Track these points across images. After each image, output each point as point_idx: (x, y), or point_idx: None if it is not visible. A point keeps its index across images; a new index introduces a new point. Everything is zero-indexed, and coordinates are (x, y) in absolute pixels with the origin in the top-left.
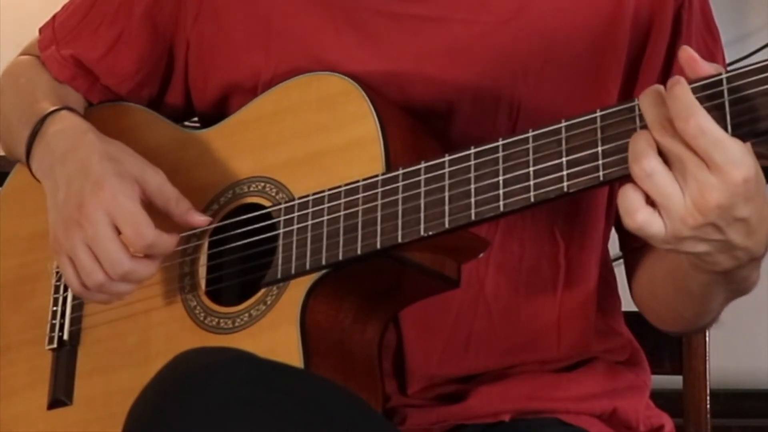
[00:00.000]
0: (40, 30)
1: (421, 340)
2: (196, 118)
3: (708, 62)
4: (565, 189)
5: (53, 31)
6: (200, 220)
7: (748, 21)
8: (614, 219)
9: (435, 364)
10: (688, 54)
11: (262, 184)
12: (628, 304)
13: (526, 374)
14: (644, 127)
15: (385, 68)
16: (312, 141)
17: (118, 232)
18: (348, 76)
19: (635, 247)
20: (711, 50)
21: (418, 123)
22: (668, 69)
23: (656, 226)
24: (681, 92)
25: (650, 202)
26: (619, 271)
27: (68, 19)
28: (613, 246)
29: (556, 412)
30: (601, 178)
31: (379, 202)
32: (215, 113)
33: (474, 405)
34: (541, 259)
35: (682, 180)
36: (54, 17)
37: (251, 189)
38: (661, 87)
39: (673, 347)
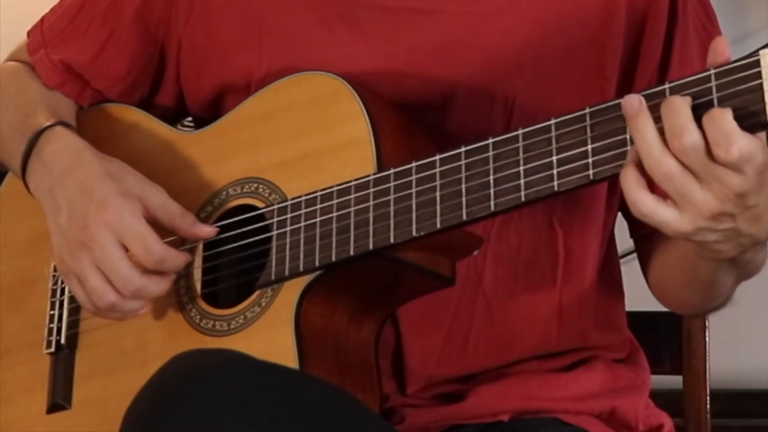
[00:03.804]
0: (29, 33)
1: (420, 339)
2: (188, 119)
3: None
4: (556, 188)
5: (42, 34)
6: (207, 231)
7: (748, 21)
8: (618, 207)
9: (434, 362)
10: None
11: (255, 185)
12: (627, 305)
13: (525, 374)
14: None
15: (379, 63)
16: (304, 141)
17: (126, 251)
18: (339, 75)
19: (644, 234)
20: (709, 32)
21: (411, 120)
22: (668, 55)
23: (666, 214)
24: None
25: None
26: (626, 268)
27: (57, 22)
28: (621, 242)
29: (555, 412)
30: (591, 177)
31: (371, 202)
32: (209, 113)
33: (473, 405)
34: (539, 249)
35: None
36: (42, 20)
37: (244, 190)
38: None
39: (673, 347)
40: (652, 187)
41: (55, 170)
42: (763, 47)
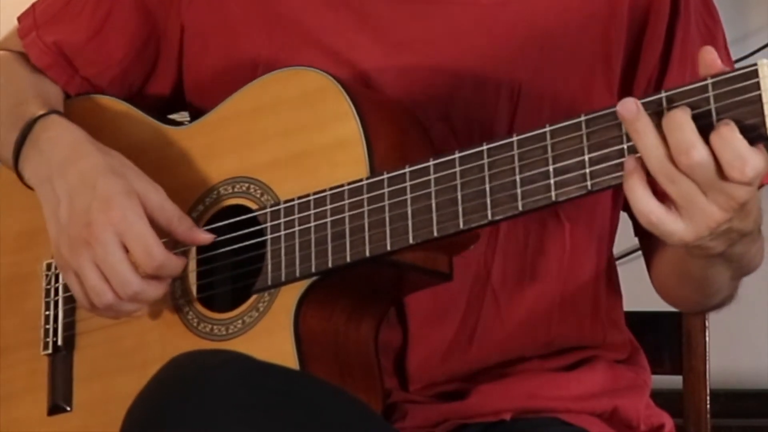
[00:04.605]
0: (19, 18)
1: (428, 335)
2: (179, 113)
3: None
4: (554, 198)
5: (34, 18)
6: (204, 237)
7: (748, 21)
8: (623, 202)
9: (438, 360)
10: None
11: (246, 185)
12: (627, 305)
13: (527, 373)
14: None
15: (385, 52)
16: (294, 140)
17: (126, 252)
18: (327, 73)
19: (645, 231)
20: (711, 31)
21: (405, 116)
22: (668, 49)
23: (672, 224)
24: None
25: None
26: (626, 268)
27: (50, 6)
28: (619, 244)
29: (556, 412)
30: (590, 188)
31: (366, 208)
32: (210, 99)
33: (475, 403)
34: (546, 241)
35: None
36: (33, 6)
37: (236, 190)
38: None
39: (673, 347)
40: (656, 189)
41: (53, 159)
42: (763, 47)
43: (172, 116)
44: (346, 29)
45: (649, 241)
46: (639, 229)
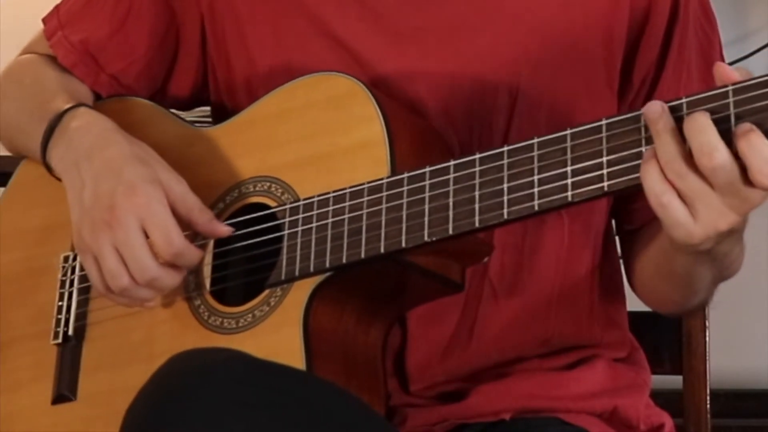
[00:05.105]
0: (44, 20)
1: (427, 333)
2: (201, 114)
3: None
4: (570, 199)
5: (58, 18)
6: (223, 230)
7: (748, 21)
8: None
9: (438, 358)
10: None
11: (268, 184)
12: (627, 305)
13: (527, 373)
14: (649, 138)
15: (387, 42)
16: (318, 142)
17: (146, 238)
18: (354, 77)
19: (629, 229)
20: (708, 36)
21: (425, 124)
22: (665, 51)
23: (682, 213)
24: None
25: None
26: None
27: (73, 5)
28: None
29: (556, 411)
30: (606, 189)
31: (384, 206)
32: (229, 98)
33: (475, 404)
34: (544, 236)
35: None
36: (57, 7)
37: (257, 189)
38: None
39: (673, 347)
40: None
41: (81, 146)
42: (763, 47)
43: (182, 113)
44: (349, 19)
45: (631, 240)
46: (622, 228)
